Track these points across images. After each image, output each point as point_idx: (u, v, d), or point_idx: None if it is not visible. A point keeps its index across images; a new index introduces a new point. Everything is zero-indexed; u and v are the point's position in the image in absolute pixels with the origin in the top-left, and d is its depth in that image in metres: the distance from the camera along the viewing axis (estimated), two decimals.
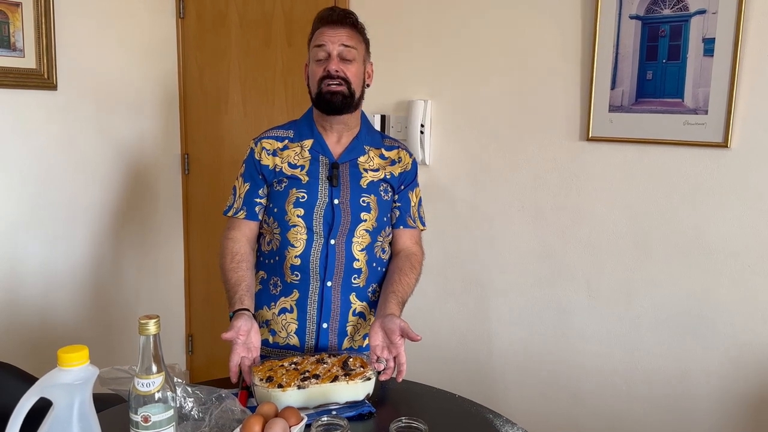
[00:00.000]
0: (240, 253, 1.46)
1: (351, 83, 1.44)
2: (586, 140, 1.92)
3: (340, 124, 1.49)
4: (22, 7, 2.14)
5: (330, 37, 1.43)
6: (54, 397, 0.87)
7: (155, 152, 2.69)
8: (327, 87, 1.42)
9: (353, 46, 1.44)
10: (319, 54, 1.44)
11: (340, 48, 1.43)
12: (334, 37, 1.43)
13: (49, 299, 2.36)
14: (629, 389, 1.93)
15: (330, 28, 1.43)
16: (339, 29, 1.43)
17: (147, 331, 0.93)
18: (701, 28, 1.69)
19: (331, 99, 1.43)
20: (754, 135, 1.67)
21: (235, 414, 1.07)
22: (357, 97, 1.47)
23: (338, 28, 1.43)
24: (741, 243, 1.72)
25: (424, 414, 1.07)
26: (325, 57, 1.43)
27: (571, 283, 2.00)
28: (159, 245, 2.76)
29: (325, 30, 1.44)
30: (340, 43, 1.43)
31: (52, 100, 2.28)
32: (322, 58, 1.44)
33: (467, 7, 2.10)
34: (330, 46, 1.43)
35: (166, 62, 2.69)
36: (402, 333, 1.31)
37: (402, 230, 1.55)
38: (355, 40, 1.45)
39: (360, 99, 1.49)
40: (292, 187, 1.46)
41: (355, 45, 1.45)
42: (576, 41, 1.91)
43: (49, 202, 2.32)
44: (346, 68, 1.43)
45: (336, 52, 1.43)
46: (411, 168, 1.56)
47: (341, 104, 1.44)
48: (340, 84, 1.42)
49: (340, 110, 1.45)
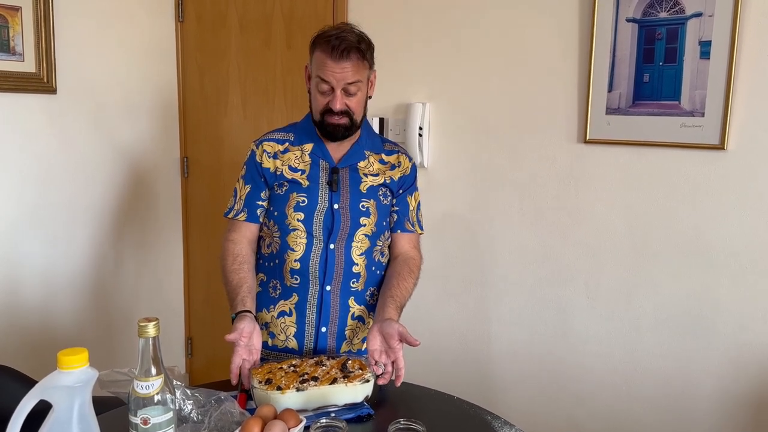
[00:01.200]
0: (241, 254, 1.46)
1: (353, 114, 1.42)
2: (583, 142, 1.93)
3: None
4: (21, 11, 2.15)
5: (334, 72, 1.36)
6: (54, 400, 0.88)
7: (155, 155, 2.69)
8: (329, 119, 1.41)
9: (359, 79, 1.39)
10: (322, 87, 1.39)
11: (344, 85, 1.38)
12: (339, 73, 1.36)
13: (48, 302, 2.36)
14: (629, 389, 1.93)
15: (333, 61, 1.36)
16: (344, 63, 1.36)
17: (146, 333, 0.94)
18: (697, 31, 1.70)
19: (333, 131, 1.43)
20: (750, 137, 1.68)
21: (234, 416, 1.08)
22: (359, 121, 1.46)
23: (343, 61, 1.36)
24: (739, 243, 1.73)
25: (423, 416, 1.07)
26: (328, 90, 1.39)
27: (571, 284, 2.00)
28: (159, 248, 2.76)
29: (329, 64, 1.36)
30: (345, 81, 1.37)
31: (52, 104, 2.28)
32: (325, 91, 1.39)
33: (465, 11, 2.11)
34: (334, 83, 1.37)
35: (165, 65, 2.69)
36: (400, 337, 1.31)
37: (400, 234, 1.55)
38: (360, 73, 1.39)
39: (363, 117, 1.48)
40: (292, 191, 1.46)
41: (360, 77, 1.40)
42: (573, 44, 1.92)
43: (49, 204, 2.32)
44: (349, 102, 1.40)
45: (340, 89, 1.38)
46: (410, 172, 1.56)
47: (343, 135, 1.45)
48: (342, 116, 1.41)
49: (341, 139, 1.46)
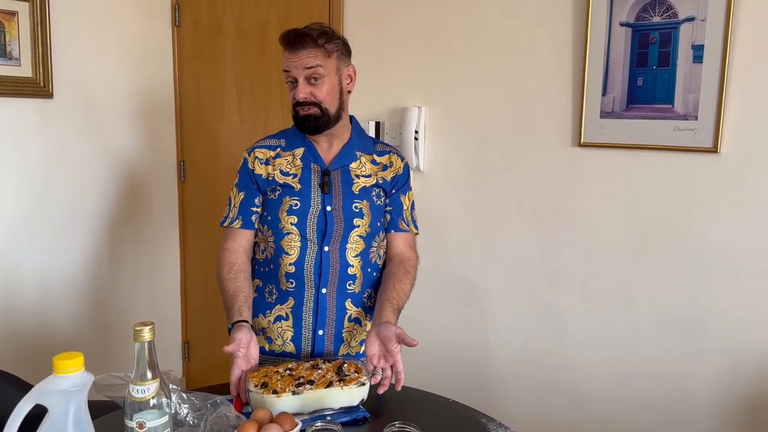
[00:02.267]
0: (237, 263, 1.47)
1: (322, 103, 1.43)
2: (578, 146, 1.93)
3: (327, 135, 1.50)
4: (18, 15, 2.15)
5: (292, 62, 1.40)
6: (49, 404, 0.88)
7: (151, 159, 2.69)
8: (300, 111, 1.43)
9: (318, 64, 1.40)
10: (288, 78, 1.43)
11: (304, 71, 1.40)
12: (296, 62, 1.40)
13: (45, 306, 2.36)
14: (625, 391, 1.94)
15: (291, 53, 1.40)
16: (300, 52, 1.39)
17: (142, 338, 0.94)
18: (690, 35, 1.71)
19: (304, 123, 1.44)
20: (743, 140, 1.69)
21: (230, 420, 1.08)
22: (333, 112, 1.45)
23: (299, 50, 1.39)
24: (734, 245, 1.74)
25: (418, 418, 1.07)
26: (293, 81, 1.42)
27: (567, 286, 2.01)
28: (155, 252, 2.76)
29: (288, 55, 1.41)
30: (303, 67, 1.39)
31: (48, 108, 2.28)
32: (290, 81, 1.43)
33: (460, 15, 2.12)
34: (294, 72, 1.40)
35: (162, 70, 2.70)
36: (398, 340, 1.30)
37: (395, 234, 1.55)
38: (320, 57, 1.40)
39: (340, 110, 1.47)
40: (285, 194, 1.47)
41: (321, 62, 1.41)
42: (567, 48, 1.93)
43: (46, 209, 2.32)
44: (315, 90, 1.41)
45: (302, 77, 1.40)
46: (403, 172, 1.57)
47: (314, 126, 1.45)
48: (311, 107, 1.42)
49: (315, 131, 1.46)
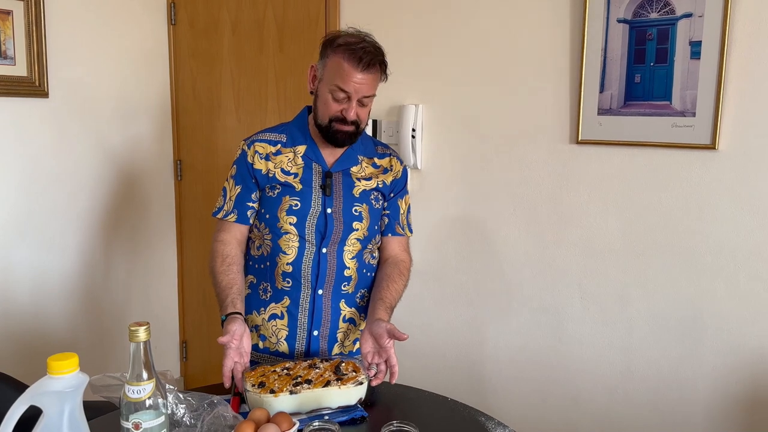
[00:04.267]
0: (230, 255, 1.46)
1: (361, 123, 1.43)
2: (575, 143, 1.93)
3: None
4: (13, 14, 2.14)
5: (357, 83, 1.36)
6: (44, 405, 0.87)
7: (148, 159, 2.68)
8: (338, 126, 1.41)
9: (374, 93, 1.41)
10: (339, 95, 1.38)
11: (362, 95, 1.39)
12: (359, 86, 1.37)
13: (40, 306, 2.35)
14: (623, 391, 1.93)
15: (360, 74, 1.36)
16: (367, 76, 1.37)
17: (137, 337, 0.93)
18: (688, 31, 1.71)
19: (340, 138, 1.42)
20: (741, 137, 1.69)
21: (227, 420, 1.08)
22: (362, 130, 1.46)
23: (366, 74, 1.37)
24: (732, 244, 1.73)
25: (416, 418, 1.07)
26: (344, 99, 1.38)
27: (565, 285, 2.01)
28: (152, 252, 2.75)
29: (354, 74, 1.36)
30: (363, 94, 1.38)
31: (44, 108, 2.27)
32: (341, 99, 1.39)
33: (456, 12, 2.11)
34: (353, 93, 1.37)
35: (158, 69, 2.69)
36: (389, 335, 1.31)
37: (390, 238, 1.56)
38: (377, 86, 1.42)
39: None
40: (285, 194, 1.45)
41: (376, 90, 1.42)
42: (564, 45, 1.93)
43: (42, 208, 2.31)
44: (361, 112, 1.41)
45: (357, 98, 1.39)
46: (402, 176, 1.57)
47: (348, 142, 1.45)
48: (351, 125, 1.41)
49: (344, 145, 1.46)
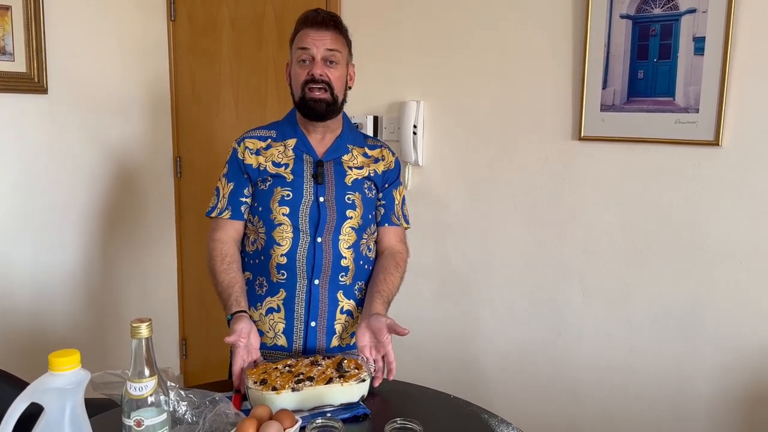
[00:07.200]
0: (229, 254, 1.46)
1: (334, 88, 1.44)
2: (578, 140, 1.92)
3: (323, 127, 1.50)
4: (11, 10, 2.13)
5: (314, 40, 1.41)
6: (45, 402, 0.86)
7: (147, 155, 2.67)
8: (311, 93, 1.42)
9: (337, 49, 1.43)
10: (303, 56, 1.43)
11: (324, 52, 1.42)
12: (318, 41, 1.41)
13: (41, 303, 2.34)
14: (625, 388, 1.93)
15: (314, 31, 1.42)
16: (323, 32, 1.42)
17: (139, 334, 0.93)
18: (691, 27, 1.70)
19: (314, 106, 1.44)
20: (745, 133, 1.68)
21: (229, 417, 1.07)
22: (339, 102, 1.47)
23: (323, 30, 1.42)
24: (735, 241, 1.73)
25: (419, 415, 1.06)
26: (309, 59, 1.42)
27: (566, 282, 2.00)
28: (152, 249, 2.75)
29: (309, 32, 1.42)
30: (324, 47, 1.41)
31: (43, 104, 2.26)
32: (305, 59, 1.43)
33: (459, 8, 2.10)
34: (314, 50, 1.41)
35: (157, 65, 2.68)
36: (389, 329, 1.31)
37: (386, 228, 1.56)
38: (339, 44, 1.44)
39: (343, 102, 1.49)
40: (276, 185, 1.46)
41: (339, 48, 1.44)
42: (567, 41, 1.92)
43: (41, 205, 2.31)
44: (329, 72, 1.43)
45: (320, 56, 1.41)
46: (394, 166, 1.58)
47: (325, 111, 1.45)
48: (323, 90, 1.42)
49: (323, 117, 1.46)
